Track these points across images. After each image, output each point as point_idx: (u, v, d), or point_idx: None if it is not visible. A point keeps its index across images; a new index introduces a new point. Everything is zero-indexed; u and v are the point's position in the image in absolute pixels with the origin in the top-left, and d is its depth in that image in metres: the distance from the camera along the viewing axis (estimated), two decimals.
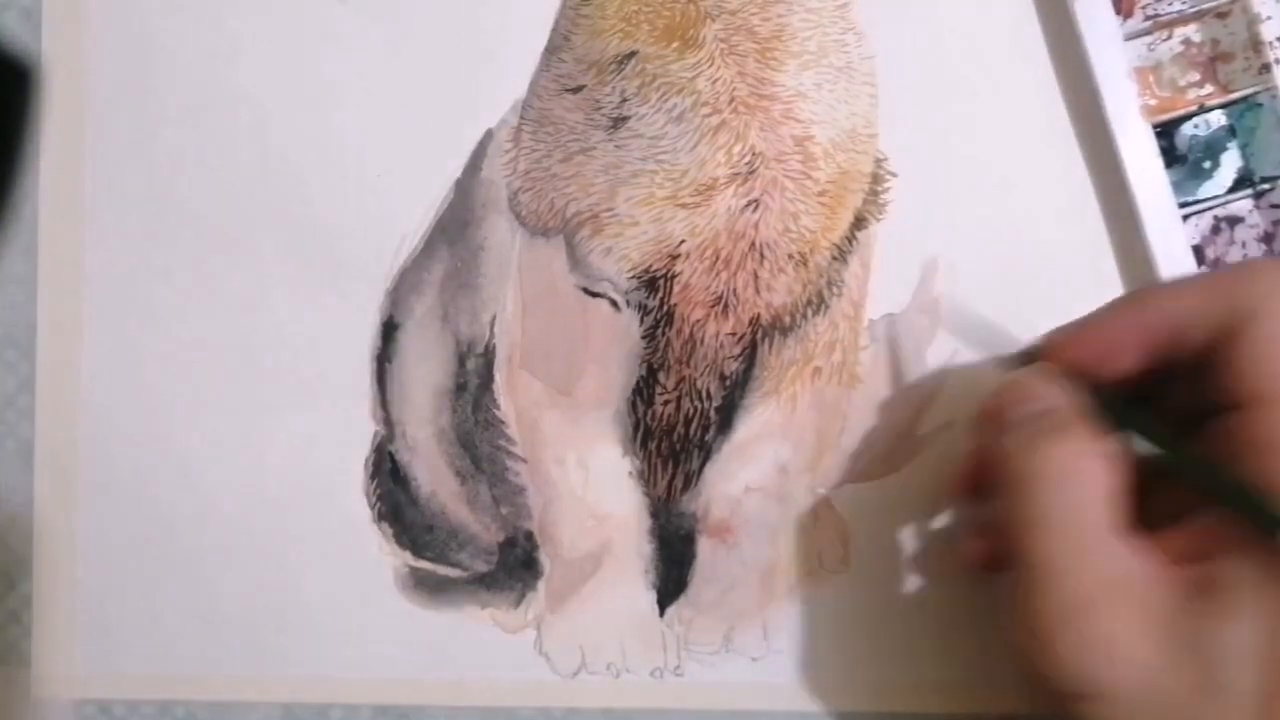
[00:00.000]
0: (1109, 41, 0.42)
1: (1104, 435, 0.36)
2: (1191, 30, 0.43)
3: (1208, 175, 0.43)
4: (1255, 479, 0.34)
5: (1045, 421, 0.36)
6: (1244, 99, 0.42)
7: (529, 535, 0.45)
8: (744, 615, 0.44)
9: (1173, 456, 0.36)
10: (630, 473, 0.45)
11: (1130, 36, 0.42)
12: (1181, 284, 0.37)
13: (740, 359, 0.44)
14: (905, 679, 0.44)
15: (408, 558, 0.45)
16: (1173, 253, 0.42)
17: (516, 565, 0.45)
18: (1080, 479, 0.35)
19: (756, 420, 0.44)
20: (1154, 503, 0.36)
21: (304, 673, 0.45)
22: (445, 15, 0.44)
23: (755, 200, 0.43)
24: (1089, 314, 0.38)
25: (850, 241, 0.44)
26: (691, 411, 0.44)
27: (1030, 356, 0.39)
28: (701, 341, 0.44)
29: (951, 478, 0.42)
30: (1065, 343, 0.38)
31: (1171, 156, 0.43)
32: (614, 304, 0.44)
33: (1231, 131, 0.43)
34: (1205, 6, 0.42)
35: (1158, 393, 0.37)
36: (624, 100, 0.43)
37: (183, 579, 0.45)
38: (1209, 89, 0.43)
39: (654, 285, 0.44)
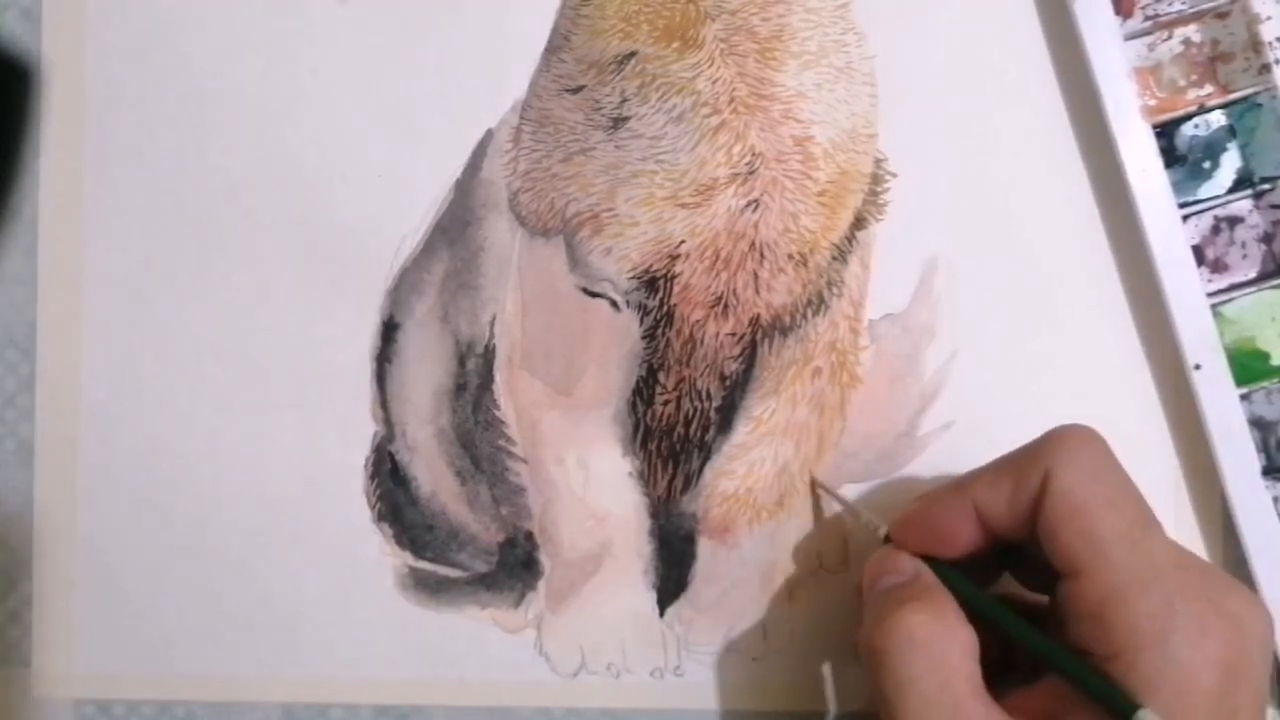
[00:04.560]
0: (1109, 42, 0.42)
1: (956, 604, 0.37)
2: (1191, 30, 0.43)
3: (1208, 175, 0.43)
4: (1078, 645, 0.35)
5: (899, 593, 0.38)
6: (1244, 99, 0.42)
7: (529, 535, 0.45)
8: (744, 615, 0.44)
9: (1013, 630, 0.37)
10: (630, 473, 0.45)
11: (1130, 37, 0.42)
12: (990, 468, 0.38)
13: (740, 359, 0.44)
14: None
15: (408, 558, 0.45)
16: (1173, 253, 0.42)
17: (516, 565, 0.45)
18: (933, 646, 0.36)
19: (756, 420, 0.44)
20: (1019, 657, 0.38)
21: (304, 673, 0.45)
22: (445, 15, 0.44)
23: (755, 200, 0.43)
24: (925, 497, 0.40)
25: (850, 241, 0.44)
26: (691, 412, 0.44)
27: (886, 538, 0.40)
28: (701, 342, 0.44)
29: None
30: (907, 527, 0.39)
31: (1171, 156, 0.43)
32: (614, 304, 0.44)
33: (1231, 132, 0.43)
34: (1205, 6, 0.42)
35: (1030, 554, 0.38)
36: (624, 100, 0.43)
37: (183, 579, 0.45)
38: (1209, 89, 0.43)
39: (654, 285, 0.44)
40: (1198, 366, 0.41)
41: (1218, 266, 0.43)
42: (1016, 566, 0.40)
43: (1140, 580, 0.35)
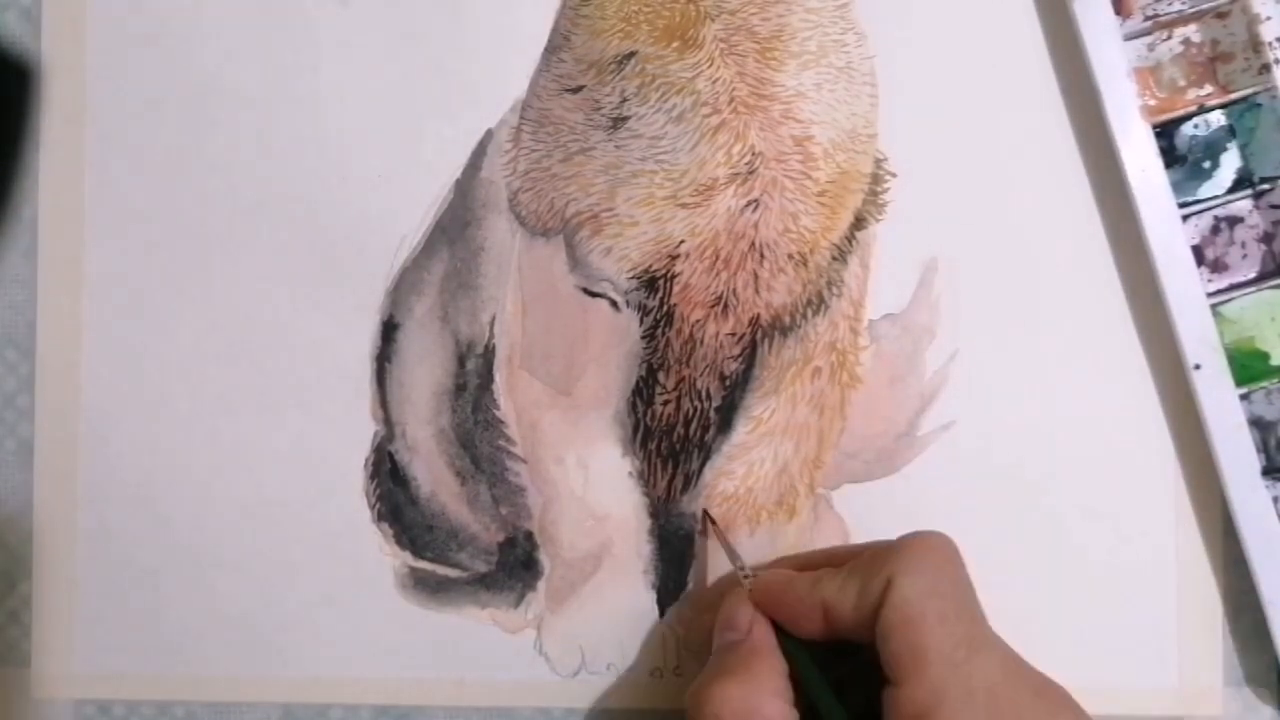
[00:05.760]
0: (1109, 41, 0.42)
1: (781, 675, 0.38)
2: (1191, 30, 0.43)
3: (1207, 175, 0.43)
4: None
5: (725, 658, 0.39)
6: (1244, 99, 0.42)
7: (529, 535, 0.45)
8: None
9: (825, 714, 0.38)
10: (630, 473, 0.45)
11: (1130, 36, 0.42)
12: (843, 570, 0.38)
13: (740, 359, 0.44)
14: None
15: (408, 558, 0.45)
16: (1173, 253, 0.42)
17: (516, 565, 0.45)
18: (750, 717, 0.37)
19: (756, 420, 0.44)
20: None
21: (304, 673, 0.45)
22: (445, 16, 0.44)
23: (755, 200, 0.43)
24: (785, 574, 0.40)
25: (850, 241, 0.44)
26: (691, 412, 0.44)
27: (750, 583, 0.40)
28: (701, 341, 0.44)
29: None
30: (765, 592, 0.40)
31: (1171, 156, 0.43)
32: (614, 304, 0.44)
33: (1231, 131, 0.43)
34: (1205, 6, 0.42)
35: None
36: (624, 100, 0.43)
37: (182, 579, 0.45)
38: (1209, 89, 0.43)
39: (654, 285, 0.44)
40: (1198, 366, 0.41)
41: (1218, 266, 0.43)
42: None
43: (951, 702, 0.35)
